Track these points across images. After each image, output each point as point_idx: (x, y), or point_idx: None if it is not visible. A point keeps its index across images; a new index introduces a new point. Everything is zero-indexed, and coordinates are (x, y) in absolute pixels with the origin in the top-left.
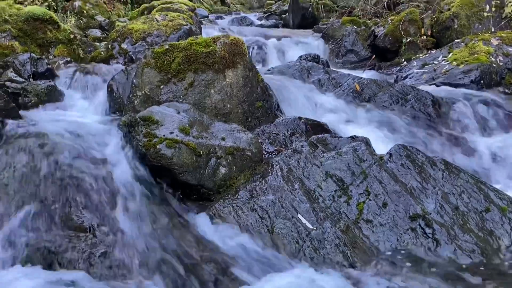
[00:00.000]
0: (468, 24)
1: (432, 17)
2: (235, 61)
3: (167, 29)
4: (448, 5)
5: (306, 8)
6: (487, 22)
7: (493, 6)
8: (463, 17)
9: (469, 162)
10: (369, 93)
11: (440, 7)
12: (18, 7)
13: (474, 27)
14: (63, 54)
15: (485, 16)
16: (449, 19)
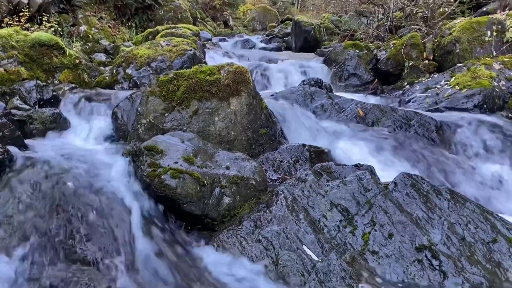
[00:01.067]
0: (470, 48)
1: (433, 41)
2: (239, 89)
3: (171, 54)
4: (450, 30)
5: (308, 32)
6: (489, 46)
7: (494, 31)
8: (465, 41)
9: (474, 189)
10: (372, 118)
11: (442, 31)
12: (25, 33)
13: (476, 51)
14: (68, 79)
15: (486, 40)
16: (450, 43)
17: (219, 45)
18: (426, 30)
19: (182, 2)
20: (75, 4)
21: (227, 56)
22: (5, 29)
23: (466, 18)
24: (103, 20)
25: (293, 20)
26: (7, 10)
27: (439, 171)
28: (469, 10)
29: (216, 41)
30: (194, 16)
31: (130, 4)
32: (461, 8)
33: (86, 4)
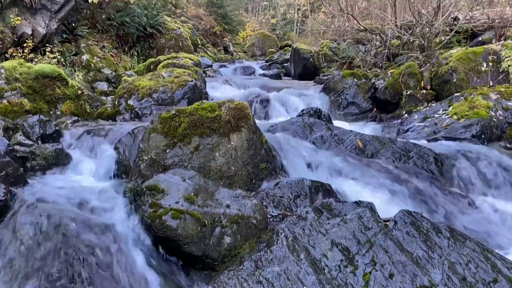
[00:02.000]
0: (467, 78)
1: (431, 70)
2: (240, 125)
3: (173, 85)
4: (446, 59)
5: (307, 59)
6: (485, 76)
7: (490, 61)
8: (461, 71)
9: (473, 224)
10: (371, 149)
11: (439, 61)
12: (28, 65)
13: (473, 81)
14: (70, 109)
15: (483, 70)
16: (447, 73)
17: (220, 71)
18: (423, 59)
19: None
20: (78, 34)
21: (228, 84)
22: (10, 61)
23: (462, 48)
24: (105, 49)
25: (292, 48)
26: (11, 41)
27: (439, 206)
28: (465, 39)
29: (216, 67)
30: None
31: (132, 33)
32: (457, 38)
33: (88, 34)
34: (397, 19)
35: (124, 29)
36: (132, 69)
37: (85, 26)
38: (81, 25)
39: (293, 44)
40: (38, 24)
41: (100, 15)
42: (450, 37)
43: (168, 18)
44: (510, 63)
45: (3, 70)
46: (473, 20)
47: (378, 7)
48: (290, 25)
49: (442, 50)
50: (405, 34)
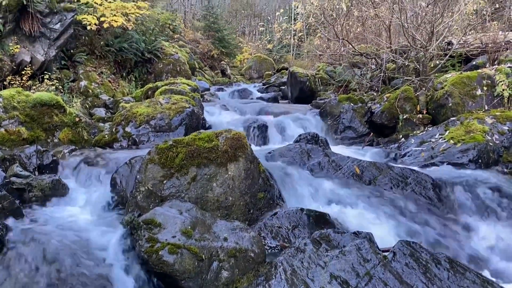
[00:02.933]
0: (462, 102)
1: (426, 94)
2: (237, 154)
3: (170, 112)
4: (441, 84)
5: (303, 82)
6: (480, 100)
7: (484, 86)
8: (457, 95)
9: (472, 251)
10: (369, 176)
11: (434, 85)
12: (27, 93)
13: (468, 105)
14: (67, 137)
15: (477, 94)
16: (443, 97)
17: (217, 95)
18: (419, 83)
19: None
20: (76, 60)
21: (225, 109)
22: (8, 90)
23: (456, 72)
24: (103, 74)
25: (288, 71)
26: (10, 68)
27: (438, 233)
28: (459, 63)
29: (214, 91)
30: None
31: (130, 58)
32: (452, 62)
33: (87, 60)
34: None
35: (122, 54)
36: (130, 95)
37: (84, 53)
38: (80, 52)
39: (290, 67)
40: (37, 52)
41: (99, 42)
42: (444, 61)
43: (166, 43)
44: (505, 87)
45: (1, 99)
46: (467, 44)
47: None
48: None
49: (437, 74)
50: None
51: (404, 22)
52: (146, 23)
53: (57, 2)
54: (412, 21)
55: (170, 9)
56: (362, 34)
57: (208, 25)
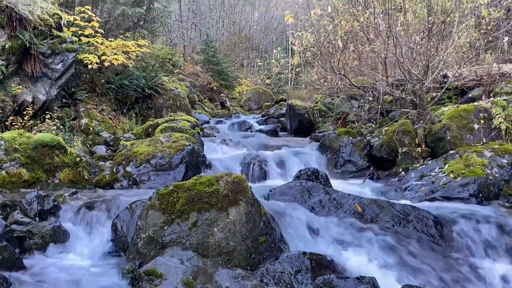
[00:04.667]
0: (460, 135)
1: (424, 127)
2: (238, 198)
3: (170, 150)
4: (439, 117)
5: (302, 115)
6: (478, 133)
7: (481, 119)
8: (454, 128)
9: None
10: (370, 214)
11: (431, 118)
12: (28, 135)
13: (466, 138)
14: (68, 177)
15: (475, 128)
16: (441, 130)
17: (217, 128)
18: (416, 115)
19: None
20: (77, 98)
21: (225, 144)
22: (10, 132)
23: (453, 105)
24: (104, 112)
25: (287, 104)
26: (12, 109)
27: (441, 274)
28: (455, 96)
29: (213, 123)
30: (192, 100)
31: (130, 94)
32: (448, 94)
33: (88, 98)
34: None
35: (123, 91)
36: (130, 131)
37: (85, 91)
38: (81, 90)
39: (288, 100)
40: (38, 92)
41: (100, 79)
42: (441, 94)
43: (166, 79)
44: (502, 120)
45: (2, 141)
46: (462, 77)
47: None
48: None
49: (434, 106)
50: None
51: (399, 56)
52: (147, 59)
53: (59, 43)
54: (407, 56)
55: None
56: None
57: (207, 58)
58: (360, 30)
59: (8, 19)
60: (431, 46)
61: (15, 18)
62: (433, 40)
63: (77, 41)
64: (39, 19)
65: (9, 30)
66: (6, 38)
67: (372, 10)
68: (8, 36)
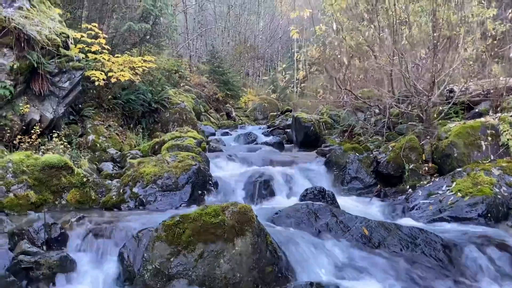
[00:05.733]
0: (467, 152)
1: (431, 143)
2: (244, 229)
3: (177, 170)
4: (446, 133)
5: (308, 127)
6: (485, 150)
7: (488, 136)
8: (461, 145)
9: None
10: (378, 237)
11: (438, 134)
12: (36, 157)
13: (473, 155)
14: (75, 198)
15: (482, 145)
16: (448, 147)
17: (222, 141)
18: (423, 131)
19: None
20: (84, 115)
21: (231, 160)
22: (18, 154)
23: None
24: (110, 128)
25: (293, 116)
26: (20, 128)
27: None
28: (462, 110)
29: (219, 135)
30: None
31: (137, 109)
32: (455, 109)
33: (94, 114)
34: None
35: (130, 106)
36: (137, 147)
37: (91, 107)
38: (88, 106)
39: (294, 112)
40: (46, 110)
41: (106, 95)
42: (447, 109)
43: (172, 92)
44: (509, 137)
45: (10, 164)
46: (469, 91)
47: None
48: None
49: (441, 121)
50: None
51: (404, 72)
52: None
53: (66, 62)
54: (412, 72)
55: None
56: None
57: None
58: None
59: (17, 40)
60: (437, 61)
61: (23, 39)
62: (438, 56)
63: (84, 58)
64: (46, 39)
65: (17, 51)
66: (15, 59)
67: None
68: (16, 57)
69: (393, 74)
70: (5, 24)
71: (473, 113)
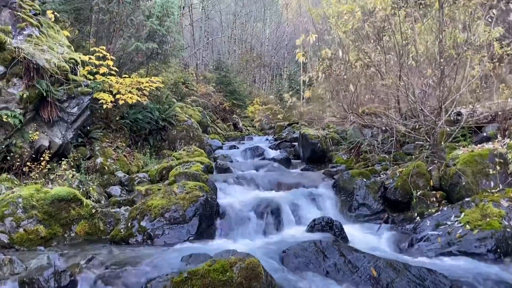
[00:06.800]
0: (476, 180)
1: (439, 169)
2: (252, 285)
3: (184, 202)
4: (453, 160)
5: (315, 144)
6: (494, 178)
7: (497, 164)
8: (469, 174)
9: None
10: (386, 279)
11: (446, 160)
12: (45, 190)
13: (482, 183)
14: (84, 229)
15: (491, 173)
16: (456, 175)
17: (230, 156)
18: (431, 157)
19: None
20: (93, 136)
21: (238, 183)
22: (28, 188)
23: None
24: (118, 149)
25: (300, 133)
26: (29, 155)
27: None
28: (470, 133)
29: (226, 149)
30: (205, 125)
31: (144, 127)
32: (462, 132)
33: (103, 135)
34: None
35: (137, 125)
36: (145, 168)
37: (99, 129)
38: (96, 128)
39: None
40: (55, 136)
41: (114, 115)
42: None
43: (179, 109)
44: None
45: (20, 199)
46: (476, 114)
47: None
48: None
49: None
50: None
51: (411, 96)
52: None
53: (74, 87)
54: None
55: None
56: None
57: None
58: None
59: (26, 70)
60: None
61: (32, 69)
62: (445, 81)
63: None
64: (55, 66)
65: (27, 80)
66: (24, 88)
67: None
68: (26, 86)
69: (400, 95)
70: (15, 54)
71: (480, 137)
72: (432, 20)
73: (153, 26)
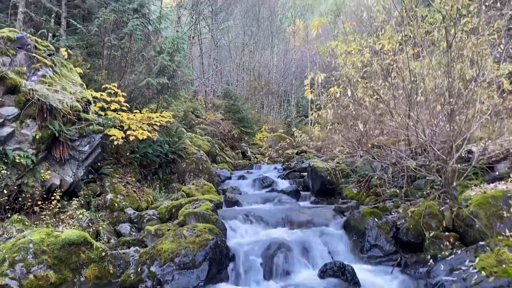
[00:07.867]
0: (489, 223)
1: (451, 209)
2: None
3: (194, 247)
4: (466, 201)
5: (324, 177)
6: (508, 221)
7: (511, 206)
8: (483, 217)
9: None
10: None
11: (458, 201)
12: (56, 234)
13: (496, 226)
14: (94, 273)
15: (505, 216)
16: (469, 218)
17: (238, 188)
18: (443, 196)
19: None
20: (103, 172)
21: (248, 222)
22: (38, 232)
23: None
24: (128, 185)
25: (309, 165)
26: (40, 194)
27: None
28: (482, 171)
29: (235, 179)
30: (214, 154)
31: (154, 161)
32: (474, 170)
33: (113, 171)
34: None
35: (147, 159)
36: (154, 202)
37: (110, 164)
38: (106, 164)
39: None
40: (66, 174)
41: (125, 150)
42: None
43: (188, 141)
44: None
45: (31, 244)
46: (487, 151)
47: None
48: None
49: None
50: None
51: (421, 134)
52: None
53: (86, 126)
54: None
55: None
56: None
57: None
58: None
59: (39, 111)
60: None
61: (45, 110)
62: (456, 120)
63: (103, 115)
64: (68, 106)
65: (40, 121)
66: (37, 129)
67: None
68: (39, 127)
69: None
70: (30, 96)
71: (493, 176)
72: (440, 56)
73: (164, 62)
